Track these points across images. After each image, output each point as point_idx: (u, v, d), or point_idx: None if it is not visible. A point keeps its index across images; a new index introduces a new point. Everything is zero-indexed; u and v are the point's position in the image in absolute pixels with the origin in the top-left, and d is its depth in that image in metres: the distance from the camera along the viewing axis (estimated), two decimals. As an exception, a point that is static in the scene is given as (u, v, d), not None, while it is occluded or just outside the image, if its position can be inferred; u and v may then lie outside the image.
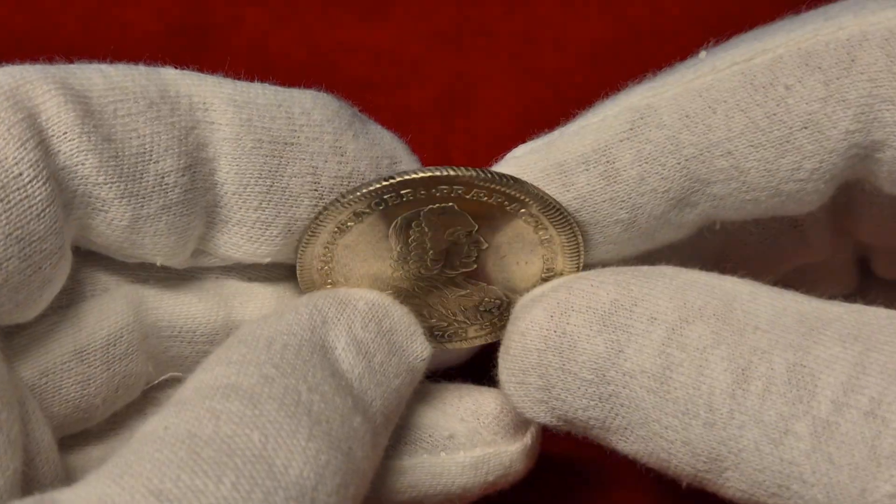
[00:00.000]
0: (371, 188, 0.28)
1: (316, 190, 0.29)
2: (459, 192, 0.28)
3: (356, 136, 0.29)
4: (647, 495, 0.38)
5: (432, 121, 0.46)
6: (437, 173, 0.28)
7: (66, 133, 0.26)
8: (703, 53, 0.28)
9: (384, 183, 0.28)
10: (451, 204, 0.28)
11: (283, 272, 0.32)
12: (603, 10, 0.48)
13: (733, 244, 0.32)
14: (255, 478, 0.23)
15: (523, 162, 0.29)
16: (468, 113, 0.47)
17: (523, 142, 0.30)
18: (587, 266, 0.30)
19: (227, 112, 0.28)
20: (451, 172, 0.28)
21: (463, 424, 0.31)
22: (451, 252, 0.30)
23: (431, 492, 0.31)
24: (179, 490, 0.22)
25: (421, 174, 0.28)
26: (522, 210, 0.28)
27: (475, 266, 0.30)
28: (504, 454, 0.31)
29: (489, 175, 0.28)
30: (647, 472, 0.28)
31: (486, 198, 0.28)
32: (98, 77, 0.27)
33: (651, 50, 0.47)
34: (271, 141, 0.28)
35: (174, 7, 0.48)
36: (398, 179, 0.28)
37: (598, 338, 0.27)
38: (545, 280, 0.30)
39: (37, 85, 0.26)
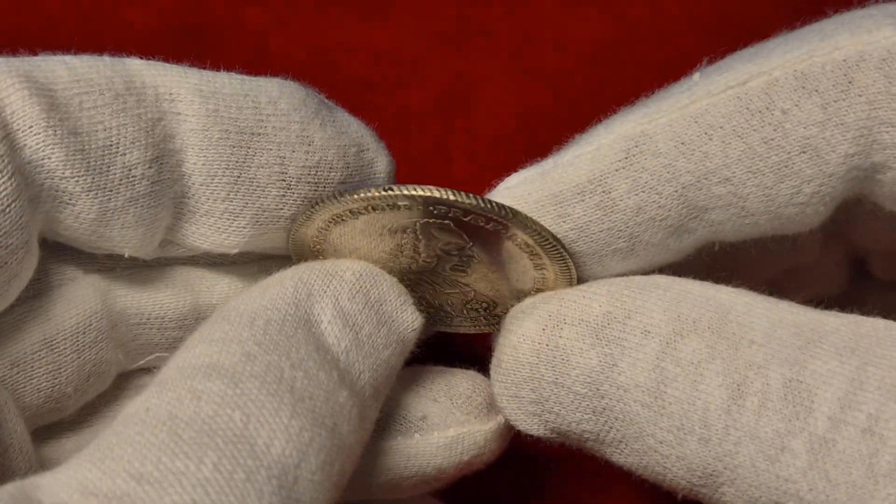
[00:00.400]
0: (368, 195, 0.28)
1: (283, 180, 0.28)
2: (457, 213, 0.28)
3: (323, 125, 0.29)
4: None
5: (432, 121, 0.46)
6: (437, 195, 0.27)
7: (31, 127, 0.25)
8: (696, 75, 0.28)
9: (382, 193, 0.28)
10: (447, 221, 0.28)
11: (250, 256, 0.32)
12: (603, 10, 0.48)
13: (722, 250, 0.32)
14: (237, 458, 0.22)
15: (517, 192, 0.28)
16: (468, 113, 0.47)
17: (523, 142, 0.30)
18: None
19: (194, 103, 0.27)
20: (451, 197, 0.27)
21: (436, 405, 0.31)
22: (442, 258, 0.30)
23: (407, 473, 0.31)
24: (160, 472, 0.22)
25: (420, 192, 0.27)
26: (519, 239, 0.28)
27: (465, 275, 0.30)
28: (478, 433, 0.31)
29: (488, 206, 0.27)
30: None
31: (482, 223, 0.28)
32: (62, 69, 0.26)
33: (651, 50, 0.47)
34: (238, 131, 0.28)
35: (174, 7, 0.48)
36: (396, 192, 0.27)
37: (591, 351, 0.27)
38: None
39: (0, 79, 0.25)
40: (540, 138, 0.30)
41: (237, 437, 0.23)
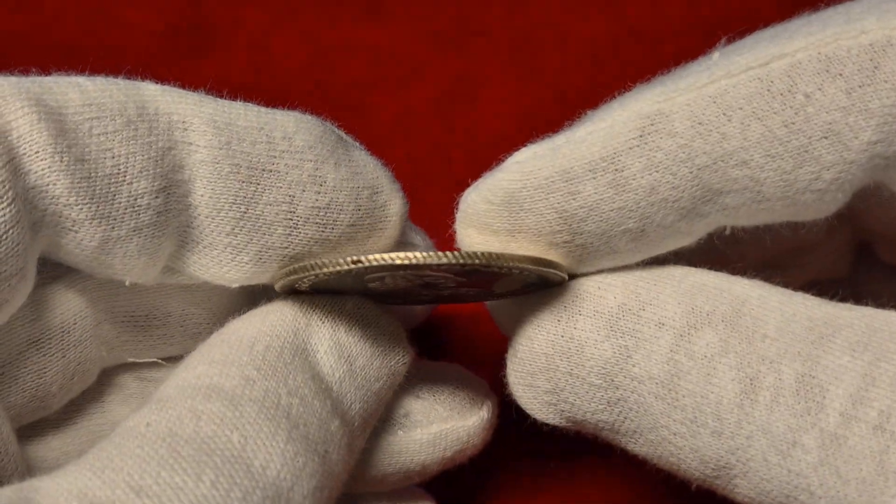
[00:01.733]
0: (335, 269, 0.26)
1: (290, 219, 0.27)
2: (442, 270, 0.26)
3: (338, 165, 0.28)
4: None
5: (432, 121, 0.46)
6: (402, 262, 0.26)
7: (37, 152, 0.25)
8: (716, 55, 0.26)
9: (350, 266, 0.26)
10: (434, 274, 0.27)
11: None
12: (603, 10, 0.48)
13: (733, 234, 0.31)
14: (234, 477, 0.23)
15: (527, 168, 0.27)
16: (468, 113, 0.46)
17: (523, 142, 0.29)
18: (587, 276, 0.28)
19: (207, 133, 0.26)
20: (414, 261, 0.26)
21: (419, 402, 0.31)
22: (429, 284, 0.28)
23: (390, 470, 0.31)
24: (159, 487, 0.22)
25: (385, 261, 0.26)
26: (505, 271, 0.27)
27: (456, 294, 0.29)
28: (461, 429, 0.31)
29: (460, 261, 0.26)
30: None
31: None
32: (74, 93, 0.25)
33: (651, 50, 0.47)
34: (249, 166, 0.27)
35: (174, 7, 0.48)
36: (364, 265, 0.26)
37: (605, 343, 0.27)
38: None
39: (9, 101, 0.25)
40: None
41: (235, 457, 0.23)
